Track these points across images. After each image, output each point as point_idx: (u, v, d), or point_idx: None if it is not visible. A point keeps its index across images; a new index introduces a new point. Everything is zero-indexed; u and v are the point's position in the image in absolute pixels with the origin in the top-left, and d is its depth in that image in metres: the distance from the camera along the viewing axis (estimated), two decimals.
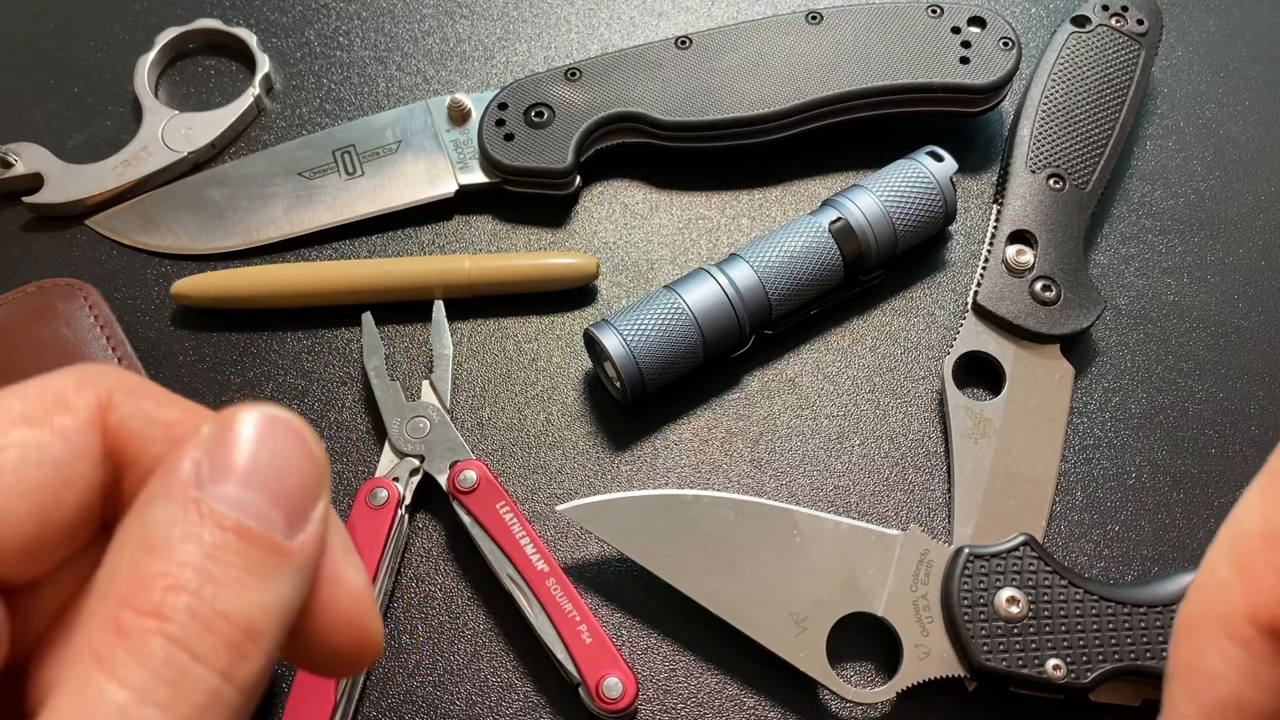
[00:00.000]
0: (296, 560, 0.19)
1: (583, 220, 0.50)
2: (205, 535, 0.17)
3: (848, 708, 0.38)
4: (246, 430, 0.19)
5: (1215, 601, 0.20)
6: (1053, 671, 0.36)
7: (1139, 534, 0.42)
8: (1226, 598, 0.20)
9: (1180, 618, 0.21)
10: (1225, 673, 0.20)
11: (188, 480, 0.18)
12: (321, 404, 0.45)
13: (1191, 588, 0.21)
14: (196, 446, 0.19)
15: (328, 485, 0.20)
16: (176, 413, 0.20)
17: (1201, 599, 0.21)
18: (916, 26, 0.50)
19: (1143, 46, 0.50)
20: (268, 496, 0.18)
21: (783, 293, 0.44)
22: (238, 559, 0.17)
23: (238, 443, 0.19)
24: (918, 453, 0.44)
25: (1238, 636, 0.20)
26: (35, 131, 0.52)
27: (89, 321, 0.44)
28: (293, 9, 0.57)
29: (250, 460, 0.19)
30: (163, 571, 0.17)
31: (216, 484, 0.18)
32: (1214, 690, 0.20)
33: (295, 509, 0.19)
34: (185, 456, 0.18)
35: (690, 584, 0.39)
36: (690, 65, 0.50)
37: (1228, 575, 0.20)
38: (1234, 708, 0.20)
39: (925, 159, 0.47)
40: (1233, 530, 0.21)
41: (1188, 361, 0.46)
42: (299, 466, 0.19)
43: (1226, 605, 0.20)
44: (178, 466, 0.18)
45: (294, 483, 0.19)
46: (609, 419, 0.45)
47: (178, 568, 0.17)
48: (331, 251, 0.49)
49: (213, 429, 0.19)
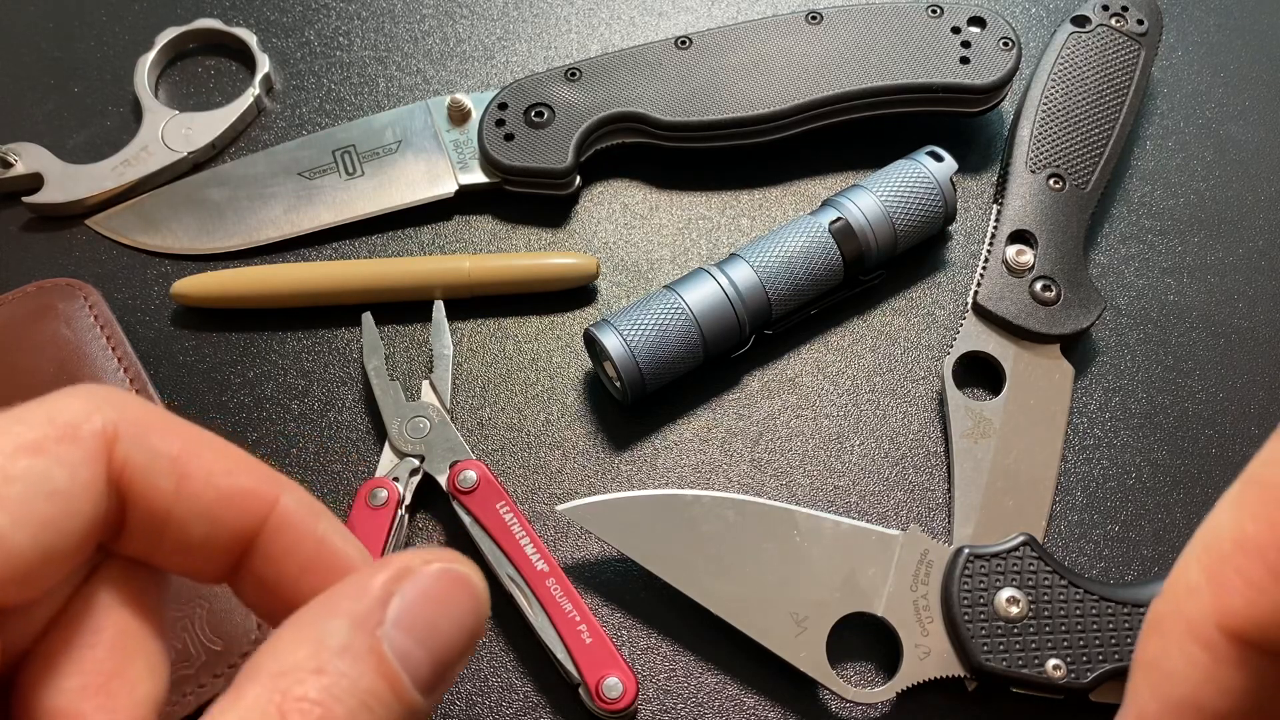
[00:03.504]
0: (421, 717, 0.19)
1: (583, 220, 0.50)
2: (367, 679, 0.18)
3: (848, 708, 0.38)
4: (437, 584, 0.20)
5: (1184, 602, 0.20)
6: (1053, 671, 0.36)
7: (1139, 534, 0.42)
8: (1195, 600, 0.20)
9: (1151, 613, 0.21)
10: (1187, 673, 0.20)
11: (374, 612, 0.19)
12: (321, 404, 0.45)
13: (1164, 586, 0.21)
14: (395, 579, 0.19)
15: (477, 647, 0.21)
16: (180, 445, 0.20)
17: (1171, 598, 0.21)
18: (916, 26, 0.50)
19: (1143, 46, 0.50)
20: (431, 656, 0.19)
21: (783, 293, 0.44)
22: (382, 711, 0.18)
23: (426, 593, 0.20)
24: (918, 453, 0.44)
25: (1203, 639, 0.20)
26: (35, 131, 0.52)
27: (89, 321, 0.44)
28: (293, 9, 0.57)
29: (429, 615, 0.20)
30: (322, 701, 0.18)
31: (397, 628, 0.19)
32: (1175, 688, 0.20)
33: (445, 672, 0.20)
34: (379, 583, 0.19)
35: (690, 584, 0.39)
36: (690, 65, 0.50)
37: (1198, 578, 0.20)
38: (1193, 707, 0.20)
39: (925, 159, 0.47)
40: (1206, 534, 0.21)
41: (1188, 361, 0.46)
42: (466, 634, 0.20)
43: (1195, 607, 0.20)
44: (372, 590, 0.19)
45: (456, 648, 0.20)
46: (609, 419, 0.45)
47: (335, 701, 0.18)
48: (331, 251, 0.49)
49: (413, 568, 0.20)
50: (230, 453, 0.21)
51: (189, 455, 0.20)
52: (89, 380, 0.42)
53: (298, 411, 0.45)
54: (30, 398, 0.45)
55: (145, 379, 0.43)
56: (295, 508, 0.21)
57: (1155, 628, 0.21)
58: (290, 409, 0.45)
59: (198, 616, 0.37)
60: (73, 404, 0.19)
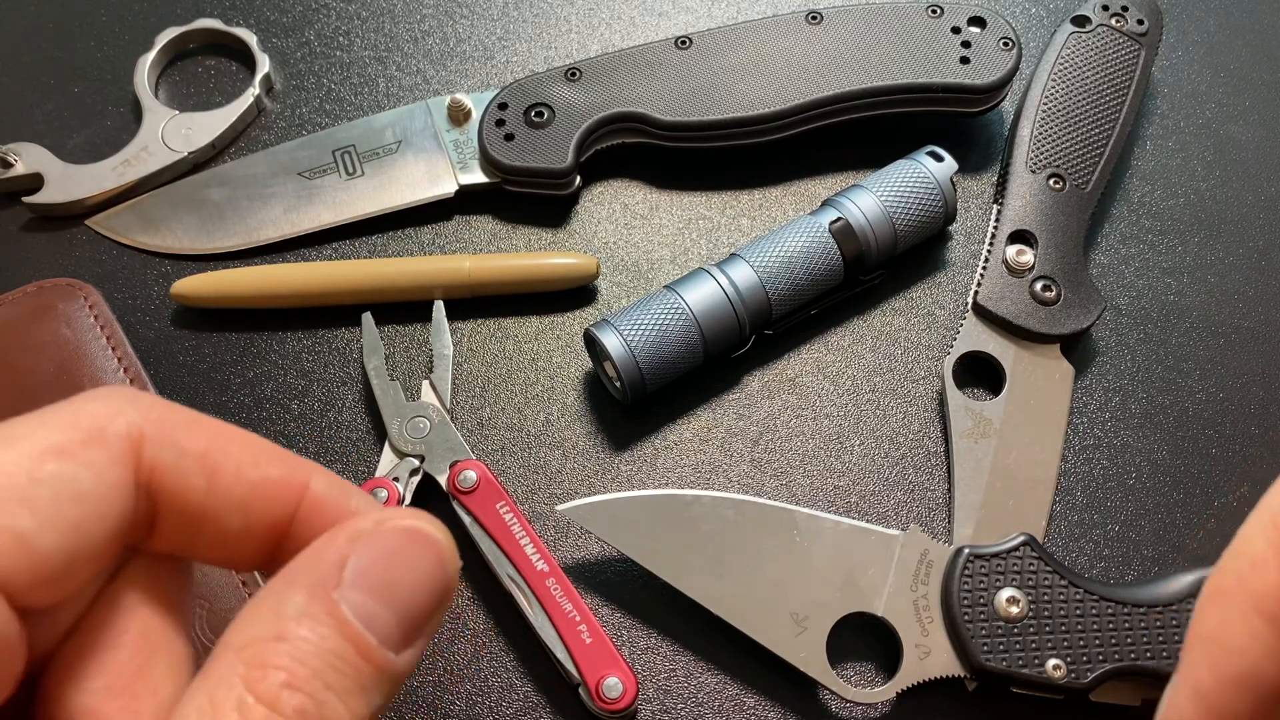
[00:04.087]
0: (397, 675, 0.19)
1: (583, 220, 0.50)
2: (330, 641, 0.18)
3: (848, 708, 0.38)
4: (394, 542, 0.20)
5: (1248, 575, 0.20)
6: (1053, 671, 0.36)
7: (1139, 534, 0.42)
8: (1260, 574, 0.20)
9: (1210, 585, 0.21)
10: (1249, 647, 0.20)
11: (330, 576, 0.19)
12: (321, 404, 0.45)
13: (1224, 558, 0.21)
14: (348, 542, 0.19)
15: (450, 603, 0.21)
16: (206, 441, 0.21)
17: (1234, 571, 0.20)
18: (916, 26, 0.50)
19: (1143, 46, 0.50)
20: (395, 614, 0.19)
21: (783, 293, 0.44)
22: (350, 670, 0.18)
23: (383, 553, 0.19)
24: (918, 453, 0.44)
25: (1268, 614, 0.19)
26: (35, 131, 0.52)
27: (89, 321, 0.44)
28: (293, 9, 0.57)
29: (388, 573, 0.19)
30: (284, 665, 0.18)
31: (355, 589, 0.19)
32: (1235, 662, 0.20)
33: (414, 629, 0.20)
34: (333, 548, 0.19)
35: (690, 584, 0.39)
36: (690, 65, 0.50)
37: (1264, 551, 0.20)
38: (1252, 682, 0.20)
39: (925, 159, 0.47)
40: (1274, 506, 0.20)
41: (1188, 361, 0.46)
42: (430, 589, 0.20)
43: (1259, 581, 0.20)
44: (324, 558, 0.19)
45: (421, 604, 0.20)
46: (609, 419, 0.45)
47: (298, 665, 0.18)
48: (331, 251, 0.49)
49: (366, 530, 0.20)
50: (256, 444, 0.21)
51: (216, 451, 0.20)
52: (89, 380, 0.42)
53: (298, 411, 0.45)
54: (30, 398, 0.45)
55: (145, 379, 0.43)
56: (326, 489, 0.21)
57: (1215, 600, 0.21)
58: (290, 409, 0.45)
59: (198, 617, 0.37)
60: (97, 407, 0.20)
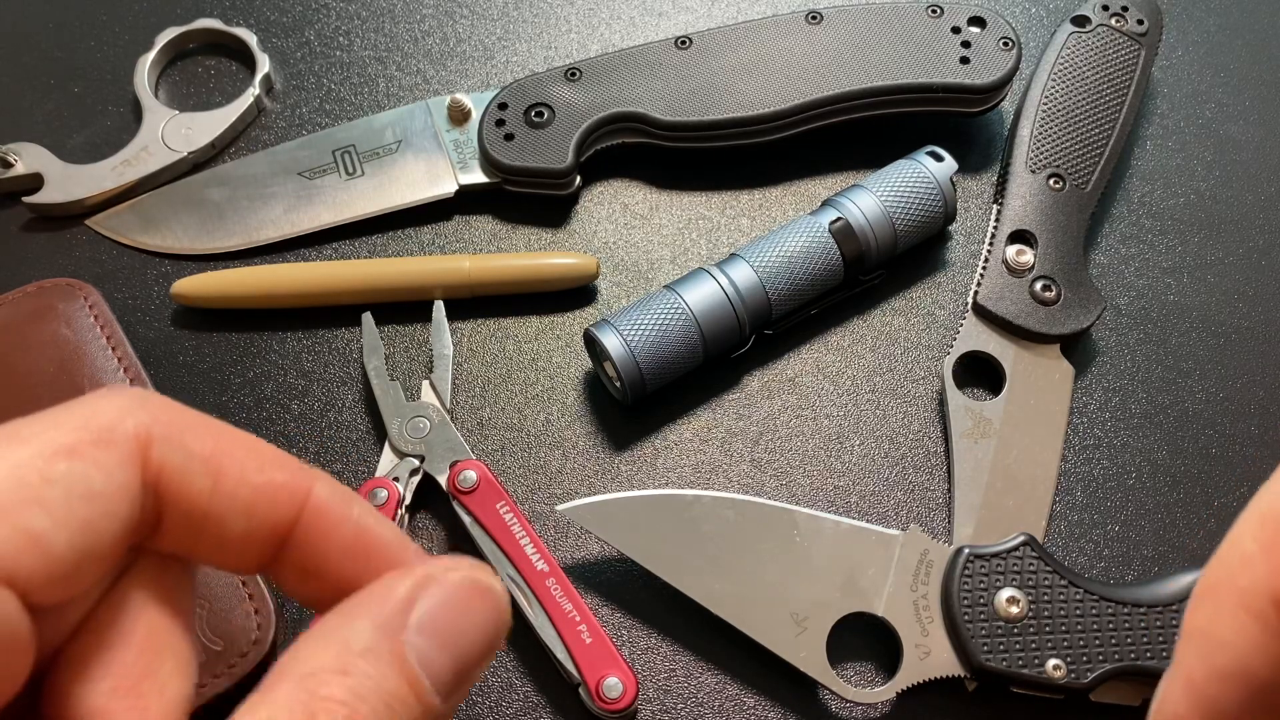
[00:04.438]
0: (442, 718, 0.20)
1: (583, 220, 0.50)
2: (390, 681, 0.19)
3: (848, 708, 0.38)
4: (459, 592, 0.21)
5: (1237, 572, 0.20)
6: (1053, 671, 0.36)
7: (1139, 534, 0.42)
8: (1249, 571, 0.20)
9: (1202, 581, 0.21)
10: (1237, 642, 0.20)
11: (398, 617, 0.20)
12: (321, 404, 0.45)
13: (1216, 554, 0.21)
14: (417, 586, 0.20)
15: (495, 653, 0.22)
16: (213, 444, 0.21)
17: (1224, 567, 0.21)
18: (916, 26, 0.50)
19: (1143, 46, 0.50)
20: (452, 661, 0.20)
21: (783, 293, 0.44)
22: (404, 712, 0.19)
23: (449, 601, 0.20)
24: (918, 453, 0.44)
25: (1254, 610, 0.20)
26: (35, 131, 0.52)
27: (89, 321, 0.44)
28: (293, 9, 0.57)
29: (452, 621, 0.20)
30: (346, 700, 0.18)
31: (420, 634, 0.20)
32: (1224, 656, 0.20)
33: (465, 677, 0.20)
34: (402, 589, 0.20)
35: (690, 584, 0.39)
36: (690, 65, 0.50)
37: (1252, 549, 0.20)
38: (1240, 676, 0.20)
39: (925, 159, 0.47)
40: (1263, 506, 0.21)
41: (1188, 361, 0.46)
42: (486, 642, 0.21)
43: (1248, 579, 0.20)
44: (397, 595, 0.20)
45: (475, 655, 0.21)
46: (609, 419, 0.45)
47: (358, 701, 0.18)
48: (331, 251, 0.49)
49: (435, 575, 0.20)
50: (261, 449, 0.22)
51: (222, 454, 0.21)
52: (89, 380, 0.42)
53: (298, 411, 0.45)
54: (30, 398, 0.45)
55: (145, 379, 0.43)
56: (329, 496, 0.22)
57: (1206, 596, 0.21)
58: (290, 409, 0.45)
59: (198, 618, 0.37)
60: (107, 407, 0.20)
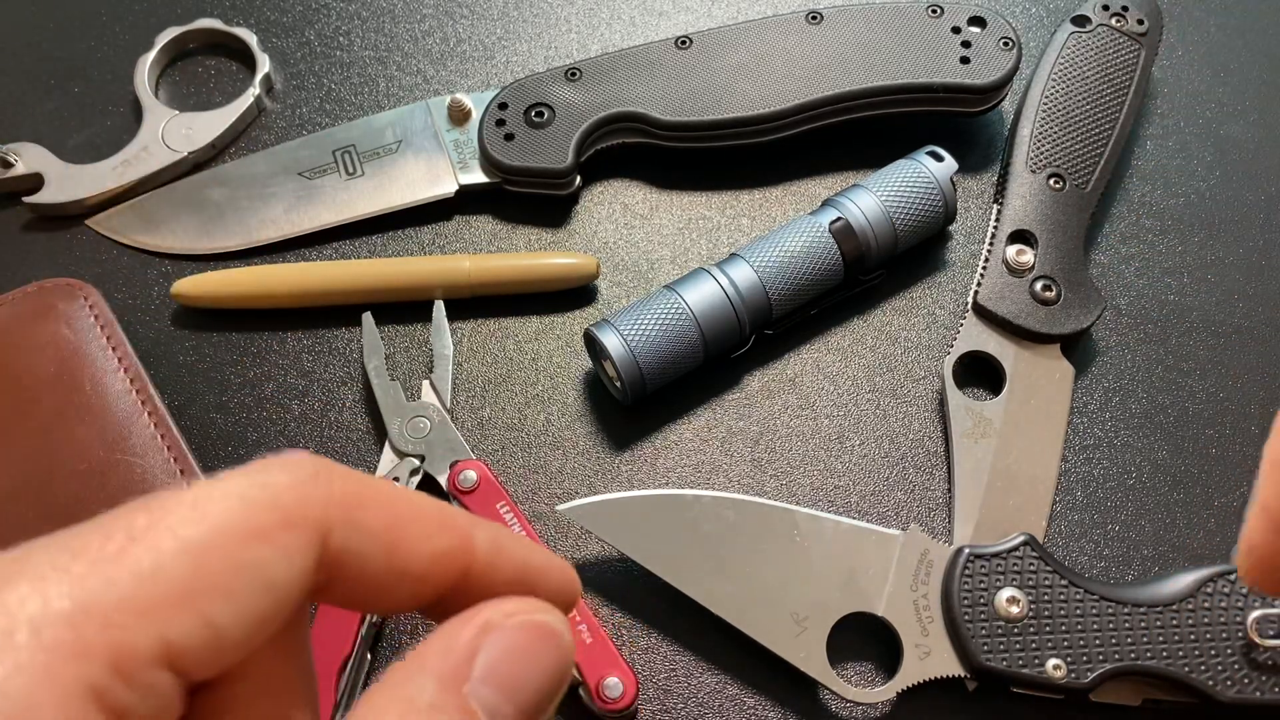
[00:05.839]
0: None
1: (583, 220, 0.50)
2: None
3: (848, 708, 0.38)
4: (523, 638, 0.20)
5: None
6: (1053, 671, 0.36)
7: (1139, 534, 0.42)
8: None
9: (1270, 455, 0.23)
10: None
11: (461, 668, 0.19)
12: (321, 404, 0.45)
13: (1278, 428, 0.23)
14: (480, 634, 0.20)
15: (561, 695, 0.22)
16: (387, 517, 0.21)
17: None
18: (916, 26, 0.50)
19: (1143, 46, 0.50)
20: (517, 710, 0.20)
21: (783, 293, 0.44)
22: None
23: (513, 648, 0.20)
24: (918, 453, 0.44)
25: None
26: (35, 131, 0.52)
27: (89, 321, 0.44)
28: (293, 9, 0.57)
29: (516, 669, 0.20)
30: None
31: (484, 684, 0.19)
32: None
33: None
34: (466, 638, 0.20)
35: (690, 584, 0.39)
36: (690, 65, 0.50)
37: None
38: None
39: (925, 159, 0.47)
40: None
41: (1188, 361, 0.46)
42: (550, 688, 0.20)
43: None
44: (459, 646, 0.20)
45: (540, 702, 0.20)
46: (609, 419, 0.45)
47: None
48: (331, 251, 0.49)
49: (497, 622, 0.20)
50: (428, 512, 0.21)
51: (396, 527, 0.21)
52: (89, 380, 0.42)
53: (298, 411, 0.45)
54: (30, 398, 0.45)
55: (145, 379, 0.43)
56: (487, 545, 0.22)
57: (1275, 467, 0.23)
58: (290, 409, 0.45)
59: None
60: (293, 482, 0.20)
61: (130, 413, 0.42)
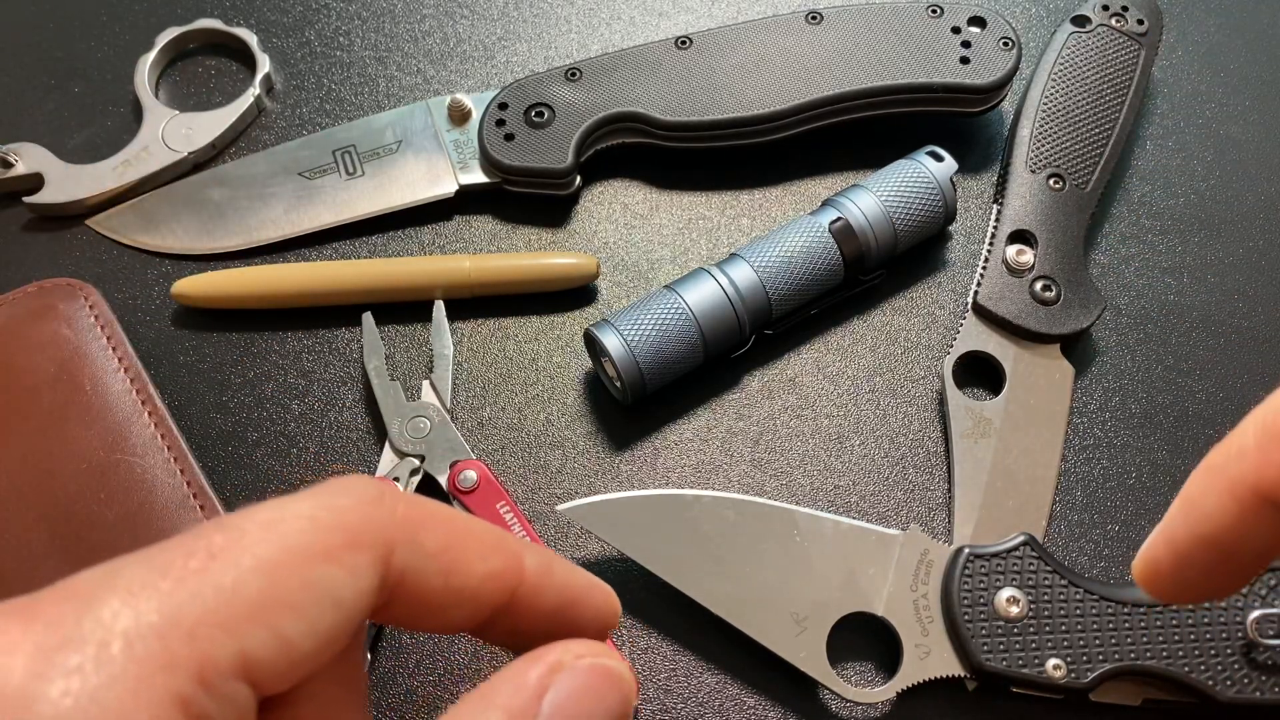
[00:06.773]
0: None
1: (583, 220, 0.50)
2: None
3: (848, 708, 0.38)
4: (590, 679, 0.21)
5: (1233, 460, 0.24)
6: (1053, 671, 0.36)
7: (1139, 534, 0.42)
8: (1241, 461, 0.23)
9: (1206, 459, 0.25)
10: (1217, 516, 0.24)
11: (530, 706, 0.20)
12: (321, 404, 0.45)
13: (1224, 440, 0.24)
14: (549, 673, 0.21)
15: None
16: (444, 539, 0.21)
17: (1224, 454, 0.24)
18: (916, 26, 0.50)
19: (1143, 46, 0.50)
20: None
21: (783, 293, 0.44)
22: None
23: (580, 689, 0.21)
24: (918, 453, 0.44)
25: (1238, 495, 0.23)
26: (35, 131, 0.52)
27: (89, 321, 0.44)
28: (293, 9, 0.57)
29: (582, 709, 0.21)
30: None
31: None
32: (1203, 525, 0.24)
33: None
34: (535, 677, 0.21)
35: (690, 584, 0.39)
36: (690, 65, 0.50)
37: (1249, 442, 0.23)
38: (1213, 542, 0.24)
39: (925, 159, 0.47)
40: (1268, 410, 0.23)
41: (1188, 361, 0.46)
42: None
43: (1238, 467, 0.23)
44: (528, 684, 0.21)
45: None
46: (609, 419, 0.45)
47: None
48: (331, 251, 0.49)
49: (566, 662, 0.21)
50: (482, 533, 0.22)
51: (453, 548, 0.21)
52: (89, 380, 0.42)
53: (298, 411, 0.45)
54: (30, 398, 0.45)
55: (145, 379, 0.43)
56: (536, 568, 0.22)
57: (1204, 472, 0.24)
58: (290, 409, 0.45)
59: None
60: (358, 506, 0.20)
61: (130, 413, 0.42)
